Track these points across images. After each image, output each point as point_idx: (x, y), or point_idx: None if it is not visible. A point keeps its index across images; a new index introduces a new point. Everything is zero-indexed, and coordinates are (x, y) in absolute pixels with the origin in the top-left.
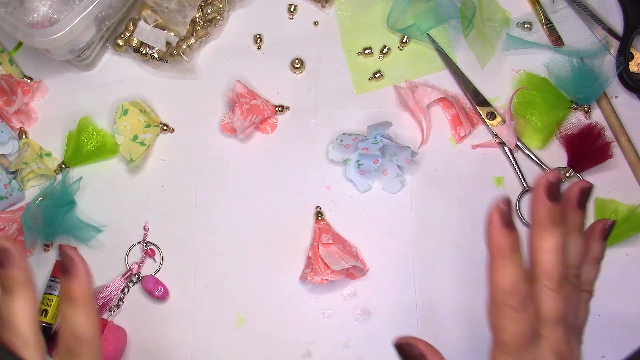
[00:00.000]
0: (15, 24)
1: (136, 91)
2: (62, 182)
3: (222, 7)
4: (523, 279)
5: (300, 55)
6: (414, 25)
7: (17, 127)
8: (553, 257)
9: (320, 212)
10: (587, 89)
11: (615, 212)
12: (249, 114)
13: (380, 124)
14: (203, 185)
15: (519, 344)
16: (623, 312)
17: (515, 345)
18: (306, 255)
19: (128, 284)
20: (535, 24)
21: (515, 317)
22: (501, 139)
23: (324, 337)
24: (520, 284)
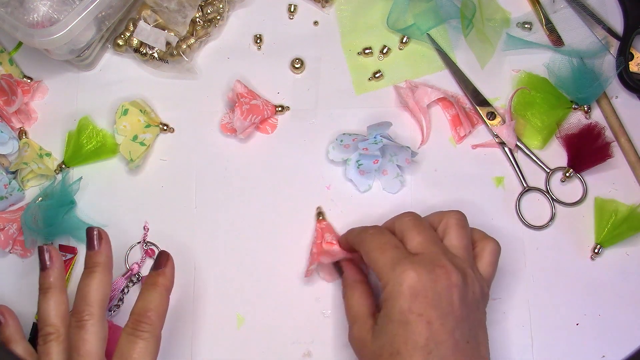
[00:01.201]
0: (15, 24)
1: (136, 91)
2: (62, 182)
3: (222, 7)
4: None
5: (300, 55)
6: (414, 25)
7: (17, 127)
8: None
9: (321, 213)
10: (587, 89)
11: (615, 212)
12: (249, 114)
13: (380, 124)
14: (203, 185)
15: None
16: (623, 312)
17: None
18: (309, 253)
19: (128, 284)
20: (535, 24)
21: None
22: (501, 139)
23: (324, 337)
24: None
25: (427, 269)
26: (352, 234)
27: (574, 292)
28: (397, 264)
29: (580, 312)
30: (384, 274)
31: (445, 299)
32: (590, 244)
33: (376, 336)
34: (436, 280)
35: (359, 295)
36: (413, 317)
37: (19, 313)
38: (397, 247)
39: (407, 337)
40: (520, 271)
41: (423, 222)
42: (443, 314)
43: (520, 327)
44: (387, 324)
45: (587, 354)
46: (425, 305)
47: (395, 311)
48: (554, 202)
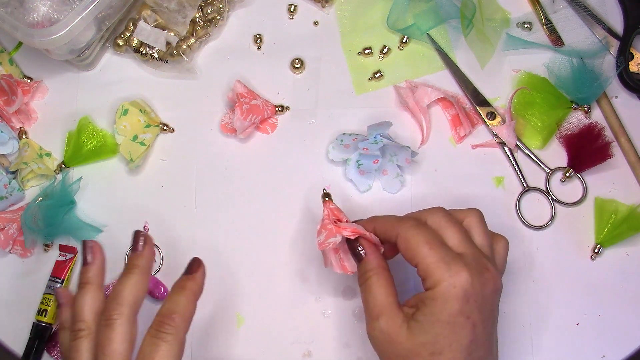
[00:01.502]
0: (15, 24)
1: (136, 91)
2: (62, 182)
3: (222, 7)
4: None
5: (300, 55)
6: (414, 25)
7: (17, 127)
8: None
9: (328, 194)
10: (587, 89)
11: (615, 212)
12: (249, 114)
13: (380, 124)
14: (203, 185)
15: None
16: (623, 312)
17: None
18: (318, 231)
19: None
20: (535, 24)
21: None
22: (501, 139)
23: (324, 337)
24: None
25: (478, 271)
26: (384, 222)
27: (574, 292)
28: (451, 263)
29: (580, 312)
30: (435, 271)
31: (490, 302)
32: (590, 244)
33: (414, 333)
34: (485, 284)
35: (385, 283)
36: (462, 319)
37: (19, 313)
38: (444, 244)
39: (453, 339)
40: (520, 271)
41: (456, 220)
42: (486, 317)
43: (520, 327)
44: (433, 322)
45: (587, 354)
46: (474, 308)
47: (445, 312)
48: (554, 202)
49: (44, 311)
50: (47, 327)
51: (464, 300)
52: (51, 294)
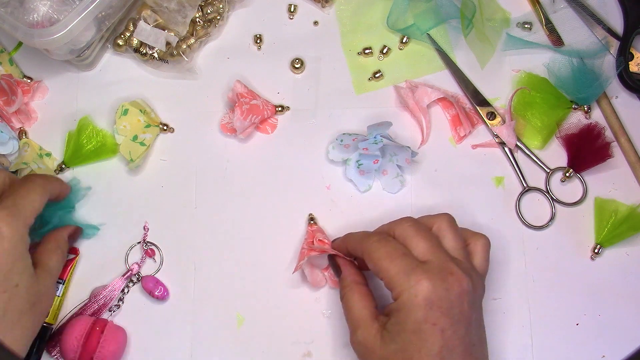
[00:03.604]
0: (15, 24)
1: (136, 91)
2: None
3: (222, 7)
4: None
5: (300, 55)
6: (414, 25)
7: (17, 127)
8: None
9: (312, 218)
10: (587, 89)
11: (615, 212)
12: (249, 114)
13: (380, 124)
14: (203, 185)
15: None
16: (623, 312)
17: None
18: (298, 252)
19: (128, 284)
20: (535, 24)
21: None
22: (501, 139)
23: (324, 337)
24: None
25: (441, 277)
26: (352, 240)
27: (574, 292)
28: (411, 273)
29: (580, 312)
30: (396, 283)
31: (457, 306)
32: (590, 244)
33: (386, 342)
34: (449, 289)
35: (360, 297)
36: (427, 326)
37: None
38: (406, 254)
39: (421, 346)
40: (520, 271)
41: (424, 228)
42: (455, 321)
43: (520, 327)
44: (399, 332)
45: (587, 354)
46: (439, 315)
47: (409, 320)
48: (554, 202)
49: None
50: (47, 327)
51: (427, 308)
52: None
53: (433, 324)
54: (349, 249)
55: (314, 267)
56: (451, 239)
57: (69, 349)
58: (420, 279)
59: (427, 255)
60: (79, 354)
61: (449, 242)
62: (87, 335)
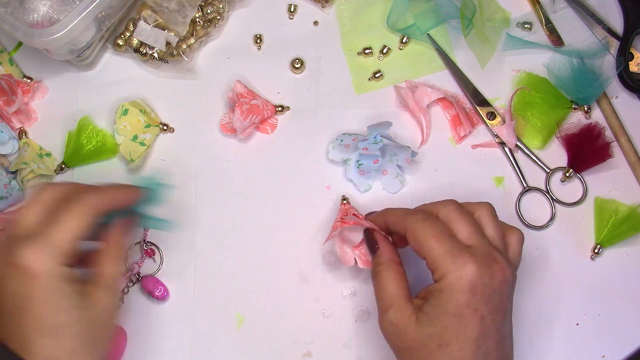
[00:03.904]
0: (15, 24)
1: (136, 91)
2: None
3: (222, 7)
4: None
5: (300, 55)
6: (414, 25)
7: (17, 127)
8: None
9: (346, 198)
10: (587, 89)
11: (615, 212)
12: (249, 114)
13: (380, 124)
14: (203, 185)
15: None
16: (623, 312)
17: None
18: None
19: (128, 284)
20: (535, 24)
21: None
22: (501, 139)
23: (324, 337)
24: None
25: (486, 263)
26: (394, 215)
27: (574, 292)
28: (457, 256)
29: (580, 312)
30: (441, 264)
31: (498, 295)
32: (590, 244)
33: (422, 325)
34: (493, 276)
35: (396, 276)
36: (469, 311)
37: None
38: (452, 237)
39: (460, 331)
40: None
41: (467, 212)
42: (495, 310)
43: (520, 327)
44: (439, 314)
45: (587, 354)
46: (481, 301)
47: (452, 304)
48: (554, 202)
49: None
50: None
51: (470, 292)
52: None
53: (475, 309)
54: (389, 223)
55: (345, 242)
56: (492, 228)
57: None
58: (466, 262)
59: (471, 239)
60: None
61: (490, 230)
62: None
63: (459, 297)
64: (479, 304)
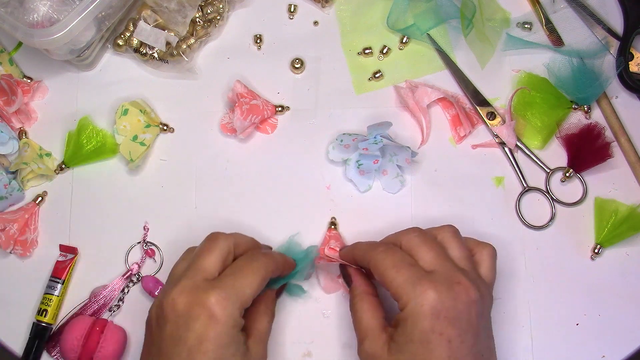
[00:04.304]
0: (15, 24)
1: (136, 91)
2: (309, 258)
3: (222, 7)
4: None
5: (300, 55)
6: (414, 25)
7: (17, 127)
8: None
9: (334, 223)
10: (587, 89)
11: (615, 212)
12: (249, 114)
13: (381, 124)
14: (203, 185)
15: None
16: (623, 312)
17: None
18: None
19: (128, 284)
20: (535, 24)
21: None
22: (501, 139)
23: (324, 337)
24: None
25: (447, 287)
26: (358, 250)
27: (574, 292)
28: (417, 283)
29: (580, 312)
30: (402, 293)
31: (465, 316)
32: (590, 244)
33: (393, 353)
34: (456, 299)
35: (369, 307)
36: (434, 336)
37: (19, 313)
38: (412, 264)
39: (429, 356)
40: (520, 271)
41: (430, 237)
42: (463, 331)
43: (520, 327)
44: (406, 343)
45: (587, 354)
46: (446, 324)
47: (416, 331)
48: (554, 202)
49: (44, 311)
50: (47, 327)
51: (433, 317)
52: (51, 293)
53: (440, 334)
54: (356, 258)
55: (328, 273)
56: (456, 249)
57: (69, 349)
58: (426, 289)
59: (433, 265)
60: (79, 354)
61: (454, 251)
62: (87, 335)
63: (422, 323)
64: (444, 327)
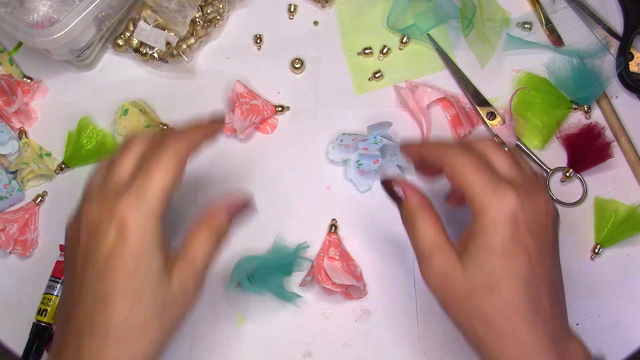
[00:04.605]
0: (15, 24)
1: (136, 91)
2: (296, 253)
3: (222, 7)
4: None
5: (300, 55)
6: (414, 25)
7: (17, 127)
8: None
9: (334, 226)
10: (587, 89)
11: (615, 212)
12: (249, 114)
13: (381, 124)
14: (203, 185)
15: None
16: (623, 312)
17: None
18: (309, 264)
19: None
20: (535, 24)
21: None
22: (501, 139)
23: (324, 337)
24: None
25: (527, 194)
26: (430, 146)
27: (574, 292)
28: (498, 187)
29: (580, 312)
30: (481, 196)
31: (543, 228)
32: (590, 244)
33: (470, 269)
34: (536, 207)
35: (433, 221)
36: (516, 247)
37: (19, 313)
38: (491, 169)
39: (509, 269)
40: None
41: (503, 147)
42: (541, 245)
43: None
44: (486, 255)
45: None
46: (526, 234)
47: (497, 240)
48: (554, 202)
49: (44, 311)
50: (47, 327)
51: (514, 224)
52: (51, 293)
53: (521, 246)
54: (425, 155)
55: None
56: (527, 165)
57: None
58: (506, 192)
59: (511, 172)
60: None
61: (526, 167)
62: None
63: (504, 230)
64: (524, 236)
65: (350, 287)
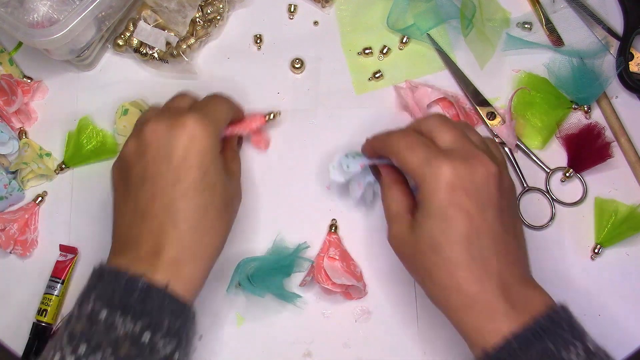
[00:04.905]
0: (15, 24)
1: (136, 91)
2: (296, 254)
3: (222, 7)
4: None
5: (300, 55)
6: (414, 25)
7: (17, 127)
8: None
9: (334, 226)
10: (587, 89)
11: (615, 212)
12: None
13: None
14: None
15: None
16: (623, 312)
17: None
18: (309, 264)
19: None
20: (535, 24)
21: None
22: (501, 139)
23: (324, 337)
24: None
25: (463, 161)
26: (376, 140)
27: (574, 292)
28: (432, 160)
29: (580, 312)
30: (417, 171)
31: (484, 189)
32: (590, 244)
33: (415, 232)
34: (473, 172)
35: (396, 195)
36: (453, 210)
37: (19, 313)
38: (427, 145)
39: (448, 231)
40: None
41: (451, 120)
42: (482, 205)
43: None
44: (426, 219)
45: None
46: (464, 197)
47: (434, 206)
48: (554, 202)
49: (44, 311)
50: (47, 327)
51: (450, 191)
52: (51, 293)
53: (458, 207)
54: (375, 148)
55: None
56: (474, 135)
57: None
58: (441, 164)
59: (452, 144)
60: None
61: (473, 136)
62: None
63: (439, 196)
64: (462, 200)
65: (350, 287)
